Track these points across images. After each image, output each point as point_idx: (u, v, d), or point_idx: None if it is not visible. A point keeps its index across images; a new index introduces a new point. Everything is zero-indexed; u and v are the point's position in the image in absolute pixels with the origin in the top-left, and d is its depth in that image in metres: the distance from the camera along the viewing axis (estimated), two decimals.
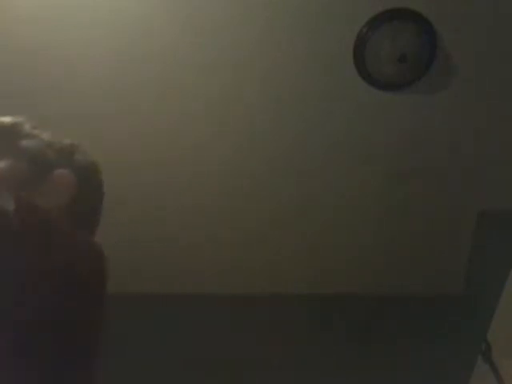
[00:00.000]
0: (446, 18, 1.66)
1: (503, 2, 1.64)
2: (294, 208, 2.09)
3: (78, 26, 1.71)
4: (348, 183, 2.02)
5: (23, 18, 1.70)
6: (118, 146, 1.95)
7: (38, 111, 1.87)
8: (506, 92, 1.80)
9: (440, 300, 2.20)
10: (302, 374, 1.94)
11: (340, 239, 2.17)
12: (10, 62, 1.79)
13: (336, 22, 1.69)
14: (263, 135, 1.93)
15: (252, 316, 2.18)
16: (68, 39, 1.74)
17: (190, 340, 2.08)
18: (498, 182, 1.99)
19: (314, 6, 1.66)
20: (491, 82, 1.78)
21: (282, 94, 1.83)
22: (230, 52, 1.75)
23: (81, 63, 1.78)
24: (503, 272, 1.27)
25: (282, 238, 2.17)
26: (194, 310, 2.22)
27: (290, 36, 1.72)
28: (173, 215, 2.12)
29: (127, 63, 1.78)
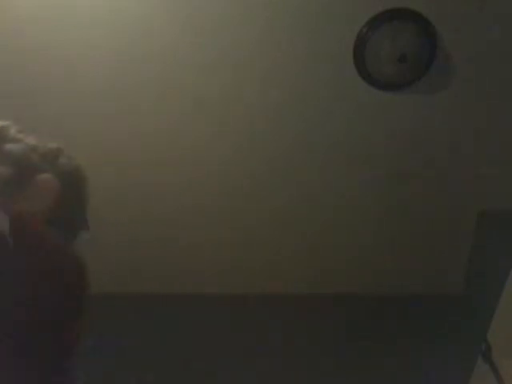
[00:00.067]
0: (445, 18, 1.66)
1: (504, 2, 1.64)
2: (293, 208, 2.09)
3: (78, 26, 1.71)
4: (348, 183, 2.02)
5: (23, 18, 1.71)
6: (118, 145, 1.96)
7: (38, 111, 1.89)
8: (506, 92, 1.80)
9: (440, 300, 2.20)
10: (302, 373, 1.94)
11: (340, 239, 2.17)
12: (10, 62, 1.79)
13: (336, 22, 1.69)
14: (263, 135, 1.93)
15: (252, 316, 2.18)
16: (68, 39, 1.74)
17: (190, 340, 2.08)
18: (497, 182, 1.99)
19: (313, 5, 1.67)
20: (491, 82, 1.78)
21: (282, 94, 1.84)
22: (230, 52, 1.75)
23: (81, 63, 1.78)
24: (503, 272, 1.27)
25: (282, 238, 2.17)
26: (194, 309, 2.22)
27: (289, 36, 1.72)
28: (173, 215, 2.12)
29: (127, 63, 1.78)
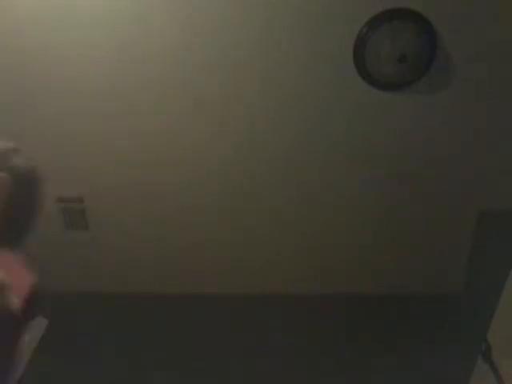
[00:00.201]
0: (445, 18, 1.66)
1: (503, 1, 1.64)
2: (294, 208, 2.10)
3: (77, 26, 1.71)
4: (348, 183, 2.02)
5: (23, 18, 1.71)
6: (118, 145, 1.96)
7: (38, 111, 1.89)
8: (506, 92, 1.80)
9: (440, 300, 2.20)
10: (302, 373, 1.94)
11: (340, 239, 2.17)
12: (10, 62, 1.79)
13: (336, 22, 1.69)
14: (263, 135, 1.93)
15: (252, 316, 2.18)
16: (68, 39, 1.74)
17: (190, 340, 2.08)
18: (497, 182, 1.99)
19: (313, 5, 1.67)
20: (491, 82, 1.78)
21: (282, 94, 1.84)
22: (230, 52, 1.75)
23: (81, 63, 1.78)
24: (503, 272, 1.27)
25: (282, 238, 2.17)
26: (194, 309, 2.22)
27: (289, 36, 1.72)
28: (173, 215, 2.12)
29: (127, 63, 1.78)
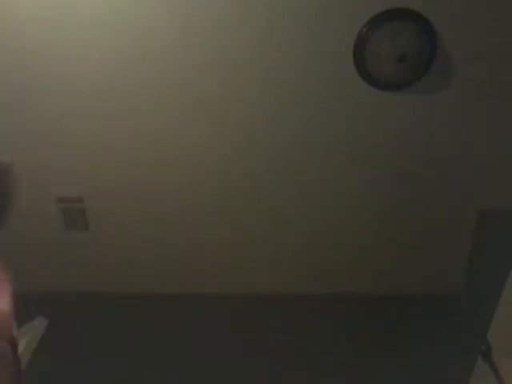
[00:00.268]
0: (445, 18, 1.66)
1: (503, 1, 1.64)
2: (294, 208, 2.10)
3: (78, 26, 1.71)
4: (348, 183, 2.02)
5: (23, 18, 1.71)
6: (118, 145, 1.96)
7: (38, 111, 1.89)
8: (506, 92, 1.80)
9: (440, 300, 2.20)
10: (302, 373, 1.94)
11: (340, 239, 2.17)
12: (10, 62, 1.79)
13: (336, 22, 1.69)
14: (263, 135, 1.93)
15: (252, 316, 2.18)
16: (68, 39, 1.74)
17: (190, 340, 2.08)
18: (497, 182, 1.99)
19: (314, 5, 1.67)
20: (491, 82, 1.78)
21: (282, 94, 1.84)
22: (230, 52, 1.75)
23: (81, 63, 1.78)
24: (503, 272, 1.27)
25: (282, 238, 2.17)
26: (194, 309, 2.22)
27: (289, 36, 1.72)
28: (173, 215, 2.12)
29: (127, 63, 1.78)
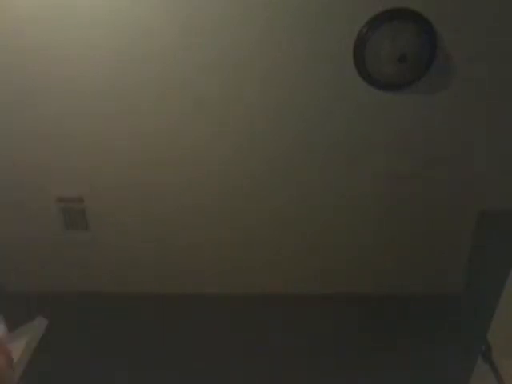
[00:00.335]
0: (445, 18, 1.66)
1: (503, 1, 1.64)
2: (293, 208, 2.10)
3: (78, 26, 1.71)
4: (348, 183, 2.02)
5: (23, 18, 1.71)
6: (118, 145, 1.96)
7: (38, 111, 1.89)
8: (506, 92, 1.80)
9: (440, 300, 2.20)
10: (302, 373, 1.95)
11: (340, 239, 2.17)
12: (10, 62, 1.79)
13: (336, 22, 1.69)
14: (263, 135, 1.93)
15: (252, 316, 2.18)
16: (68, 39, 1.74)
17: (190, 340, 2.08)
18: (497, 182, 1.99)
19: (314, 5, 1.67)
20: (491, 82, 1.78)
21: (282, 94, 1.84)
22: (230, 52, 1.75)
23: (81, 63, 1.78)
24: (503, 272, 1.27)
25: (282, 238, 2.17)
26: (194, 309, 2.22)
27: (289, 36, 1.72)
28: (173, 215, 2.12)
29: (127, 63, 1.78)
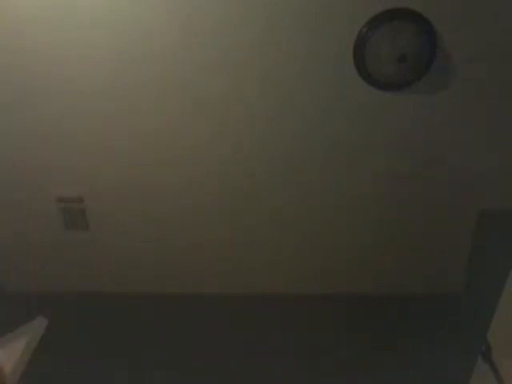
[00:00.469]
0: (445, 18, 1.66)
1: (503, 1, 1.64)
2: (293, 208, 2.10)
3: (78, 26, 1.71)
4: (348, 183, 2.02)
5: (23, 18, 1.71)
6: (118, 145, 1.96)
7: (38, 111, 1.89)
8: (506, 92, 1.80)
9: (440, 300, 2.21)
10: (302, 373, 1.95)
11: (340, 239, 2.17)
12: (10, 62, 1.79)
13: (336, 22, 1.69)
14: (263, 135, 1.93)
15: (252, 316, 2.18)
16: (68, 39, 1.74)
17: (190, 340, 2.08)
18: (497, 182, 1.99)
19: (313, 5, 1.67)
20: (491, 82, 1.78)
21: (282, 94, 1.84)
22: (230, 52, 1.75)
23: (81, 63, 1.78)
24: (503, 272, 1.27)
25: (282, 238, 2.17)
26: (194, 309, 2.22)
27: (289, 36, 1.72)
28: (173, 215, 2.12)
29: (127, 63, 1.78)
